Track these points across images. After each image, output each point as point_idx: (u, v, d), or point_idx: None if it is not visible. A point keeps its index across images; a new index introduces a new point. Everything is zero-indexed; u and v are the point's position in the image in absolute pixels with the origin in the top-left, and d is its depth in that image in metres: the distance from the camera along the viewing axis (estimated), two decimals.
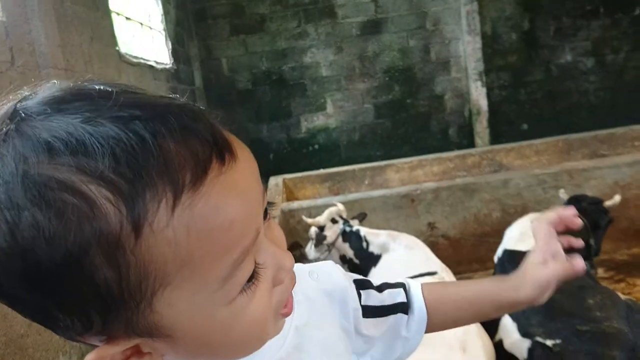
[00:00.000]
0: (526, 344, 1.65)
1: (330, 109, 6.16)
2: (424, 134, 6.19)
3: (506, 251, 2.39)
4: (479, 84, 5.93)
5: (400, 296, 0.67)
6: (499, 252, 2.47)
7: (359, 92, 6.15)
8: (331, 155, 6.16)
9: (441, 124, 6.20)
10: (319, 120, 6.19)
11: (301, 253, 3.02)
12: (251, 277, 0.40)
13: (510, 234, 2.49)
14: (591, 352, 1.50)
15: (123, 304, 0.35)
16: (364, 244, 2.67)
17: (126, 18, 4.18)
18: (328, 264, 0.66)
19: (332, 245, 2.77)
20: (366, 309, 0.63)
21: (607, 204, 2.62)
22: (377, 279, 0.70)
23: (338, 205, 2.97)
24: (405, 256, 2.45)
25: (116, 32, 3.70)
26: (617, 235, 3.29)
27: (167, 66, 4.85)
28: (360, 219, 2.94)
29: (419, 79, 6.13)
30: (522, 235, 2.35)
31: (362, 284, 0.66)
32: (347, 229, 2.77)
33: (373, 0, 5.98)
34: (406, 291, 0.68)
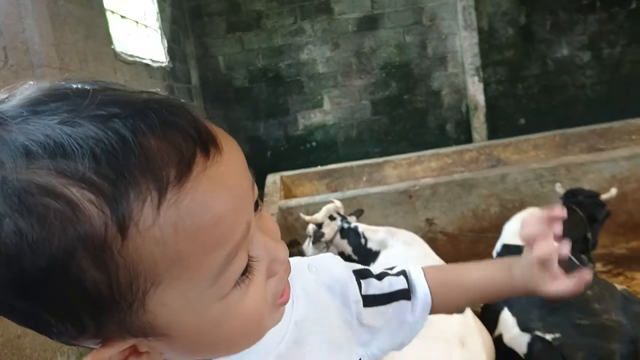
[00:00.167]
0: (526, 338, 1.65)
1: (327, 105, 6.15)
2: (421, 129, 6.19)
3: (505, 246, 2.39)
4: (476, 79, 5.93)
5: (400, 283, 0.67)
6: (498, 247, 2.47)
7: (356, 88, 6.14)
8: (329, 152, 6.15)
9: (438, 120, 6.20)
10: (316, 117, 6.18)
11: (299, 250, 3.01)
12: (244, 271, 0.40)
13: (508, 228, 2.48)
14: (591, 345, 1.50)
15: (115, 305, 0.34)
16: (362, 240, 2.67)
17: (121, 16, 4.16)
18: (327, 256, 0.66)
19: (330, 242, 2.77)
20: (367, 298, 0.63)
21: (603, 197, 2.62)
22: None
23: (335, 201, 2.96)
24: (404, 252, 2.44)
25: (111, 31, 3.68)
26: (616, 229, 3.29)
27: (163, 64, 4.83)
28: (357, 215, 2.94)
29: (416, 75, 6.12)
30: None
31: (362, 273, 0.66)
32: (345, 225, 2.77)
33: None
34: (407, 277, 0.68)
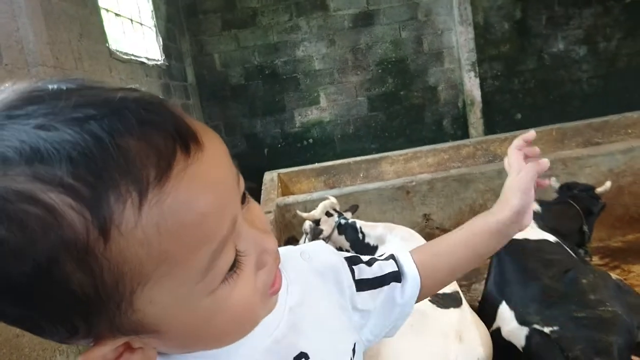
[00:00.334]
0: (524, 331, 1.65)
1: (323, 102, 6.15)
2: (418, 125, 6.19)
3: None
4: (472, 74, 5.93)
5: (390, 266, 0.68)
6: None
7: (352, 85, 6.13)
8: (326, 149, 6.15)
9: (435, 116, 6.20)
10: (312, 114, 6.17)
11: None
12: (232, 265, 0.40)
13: None
14: (588, 338, 1.51)
15: (103, 306, 0.34)
16: (360, 236, 2.67)
17: (115, 14, 4.14)
18: (319, 243, 0.67)
19: (328, 238, 2.77)
20: (359, 282, 0.64)
21: (598, 190, 2.64)
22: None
23: (330, 198, 2.96)
24: (402, 248, 2.45)
25: (106, 29, 3.66)
26: (612, 222, 3.31)
27: (158, 62, 4.81)
28: (352, 211, 2.94)
29: (412, 71, 6.12)
30: None
31: (353, 260, 0.66)
32: (343, 221, 2.77)
33: None
34: (396, 260, 0.68)
